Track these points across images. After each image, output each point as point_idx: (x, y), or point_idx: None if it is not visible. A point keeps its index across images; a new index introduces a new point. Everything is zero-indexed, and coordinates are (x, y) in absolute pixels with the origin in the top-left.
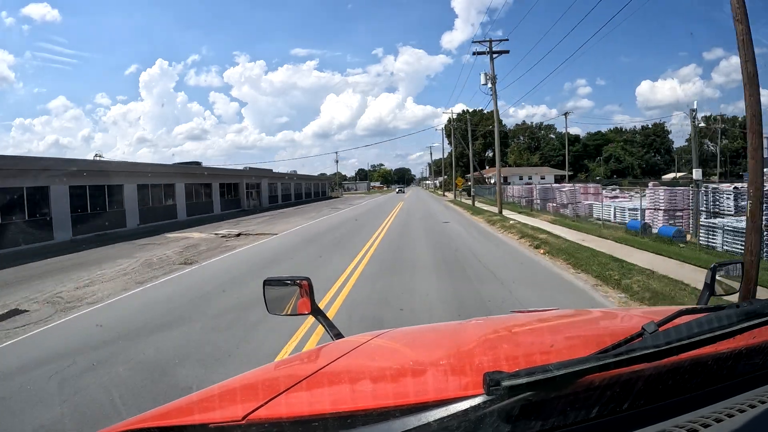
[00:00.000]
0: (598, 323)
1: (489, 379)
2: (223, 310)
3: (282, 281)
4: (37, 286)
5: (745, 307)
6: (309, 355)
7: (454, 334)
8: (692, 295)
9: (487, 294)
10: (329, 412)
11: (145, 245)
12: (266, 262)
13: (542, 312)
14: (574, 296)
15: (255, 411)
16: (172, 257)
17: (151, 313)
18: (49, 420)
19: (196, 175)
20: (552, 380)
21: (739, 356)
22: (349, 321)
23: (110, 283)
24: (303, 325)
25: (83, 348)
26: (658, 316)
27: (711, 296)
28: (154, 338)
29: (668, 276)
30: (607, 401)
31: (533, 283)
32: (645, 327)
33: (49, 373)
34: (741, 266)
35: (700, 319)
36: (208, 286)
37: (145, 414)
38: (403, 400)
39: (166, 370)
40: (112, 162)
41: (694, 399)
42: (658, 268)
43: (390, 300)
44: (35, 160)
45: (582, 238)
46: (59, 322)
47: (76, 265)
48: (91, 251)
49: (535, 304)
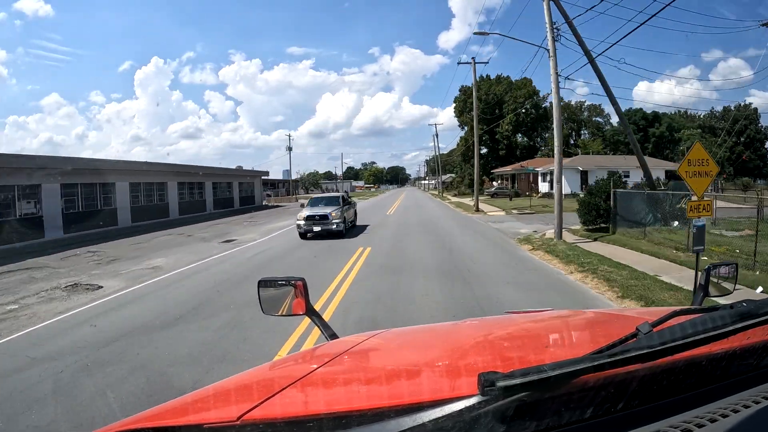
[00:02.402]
0: (593, 324)
1: (484, 379)
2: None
3: (276, 282)
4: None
5: (740, 308)
6: (304, 355)
7: (449, 335)
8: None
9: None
10: (324, 413)
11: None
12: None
13: (537, 313)
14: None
15: (250, 411)
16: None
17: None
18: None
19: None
20: (546, 381)
21: (733, 357)
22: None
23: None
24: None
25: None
26: (652, 317)
27: (705, 297)
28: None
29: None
30: (602, 401)
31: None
32: (639, 327)
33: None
34: (735, 267)
35: (695, 320)
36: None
37: (139, 414)
38: (398, 400)
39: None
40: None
41: (688, 399)
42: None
43: None
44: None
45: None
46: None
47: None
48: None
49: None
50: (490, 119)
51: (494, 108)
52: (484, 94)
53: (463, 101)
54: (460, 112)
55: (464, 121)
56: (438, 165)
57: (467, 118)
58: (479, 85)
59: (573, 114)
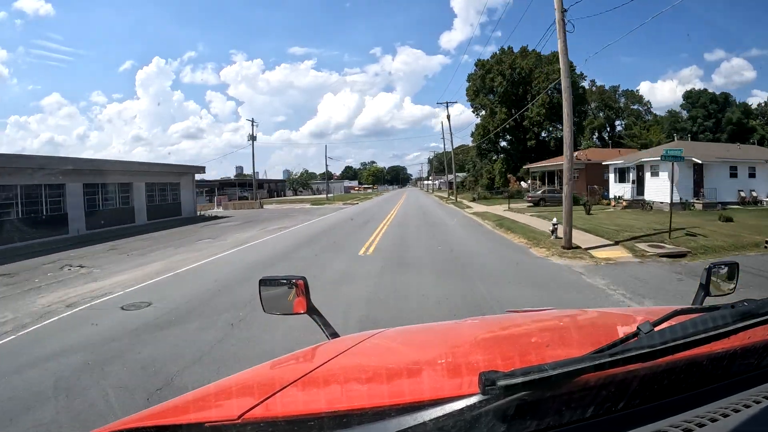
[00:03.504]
0: (594, 323)
1: (484, 378)
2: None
3: (277, 281)
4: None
5: (740, 307)
6: (305, 354)
7: (450, 334)
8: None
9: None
10: (325, 411)
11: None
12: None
13: (538, 312)
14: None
15: (250, 410)
16: None
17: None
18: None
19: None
20: (547, 380)
21: (734, 356)
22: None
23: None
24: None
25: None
26: (653, 316)
27: (706, 296)
28: None
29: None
30: (603, 401)
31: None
32: (640, 327)
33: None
34: (736, 267)
35: (695, 319)
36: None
37: (140, 413)
38: (399, 399)
39: None
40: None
41: (689, 399)
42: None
43: None
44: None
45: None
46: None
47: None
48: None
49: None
50: (514, 100)
51: (519, 87)
52: (508, 68)
53: (480, 78)
54: (475, 94)
55: (481, 103)
56: (452, 159)
57: (485, 100)
58: (500, 58)
59: (609, 100)
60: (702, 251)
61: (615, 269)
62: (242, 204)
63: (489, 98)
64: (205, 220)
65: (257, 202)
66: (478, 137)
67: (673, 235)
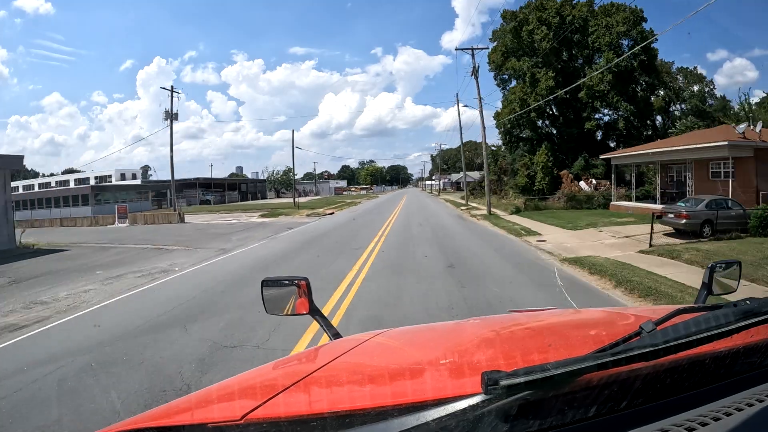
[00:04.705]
0: (596, 322)
1: (487, 378)
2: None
3: (280, 281)
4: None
5: (743, 306)
6: (307, 354)
7: (452, 334)
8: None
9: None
10: (327, 412)
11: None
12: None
13: (540, 311)
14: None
15: (253, 411)
16: None
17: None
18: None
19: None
20: (550, 379)
21: (736, 355)
22: None
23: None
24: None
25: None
26: (656, 315)
27: (709, 295)
28: None
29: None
30: (605, 400)
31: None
32: (643, 326)
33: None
34: (739, 266)
35: (698, 318)
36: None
37: (143, 414)
38: (402, 399)
39: None
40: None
41: (692, 398)
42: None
43: None
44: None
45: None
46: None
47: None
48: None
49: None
50: (562, 67)
51: (567, 47)
52: (555, 15)
53: (512, 32)
54: (504, 57)
55: (514, 68)
56: (485, 150)
57: (521, 62)
58: (540, 2)
59: (668, 78)
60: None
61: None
62: (156, 216)
63: (526, 61)
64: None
65: (176, 213)
66: (505, 120)
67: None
